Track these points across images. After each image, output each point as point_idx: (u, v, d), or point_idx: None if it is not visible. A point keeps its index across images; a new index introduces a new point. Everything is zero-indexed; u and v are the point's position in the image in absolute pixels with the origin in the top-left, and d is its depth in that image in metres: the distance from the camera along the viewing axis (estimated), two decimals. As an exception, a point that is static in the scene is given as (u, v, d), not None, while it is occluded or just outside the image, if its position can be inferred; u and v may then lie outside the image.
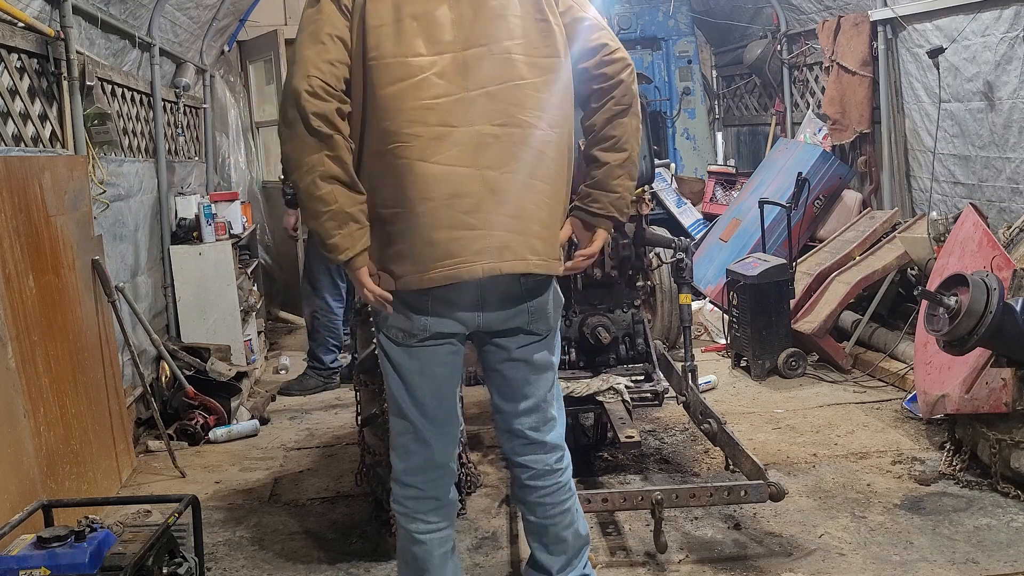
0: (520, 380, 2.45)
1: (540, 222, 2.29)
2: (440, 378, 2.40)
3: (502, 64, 2.25)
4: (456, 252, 2.21)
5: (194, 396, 4.80)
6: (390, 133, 2.20)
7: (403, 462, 2.45)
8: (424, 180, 2.20)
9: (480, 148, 2.23)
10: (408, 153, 2.20)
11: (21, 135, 3.75)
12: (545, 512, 2.51)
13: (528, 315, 2.38)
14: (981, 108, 4.97)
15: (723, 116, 9.28)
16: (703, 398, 3.86)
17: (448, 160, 2.21)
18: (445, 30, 2.23)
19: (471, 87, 2.23)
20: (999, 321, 3.19)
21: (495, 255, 2.24)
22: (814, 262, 5.88)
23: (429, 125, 2.20)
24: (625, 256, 3.97)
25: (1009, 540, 3.15)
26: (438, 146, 2.20)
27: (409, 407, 2.40)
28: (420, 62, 2.20)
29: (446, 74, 2.22)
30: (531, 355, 2.43)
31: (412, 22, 2.21)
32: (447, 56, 2.22)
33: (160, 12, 5.31)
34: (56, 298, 3.61)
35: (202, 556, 2.84)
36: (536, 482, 2.49)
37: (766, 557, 3.16)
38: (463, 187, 2.21)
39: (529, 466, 2.49)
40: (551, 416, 2.51)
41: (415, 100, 2.20)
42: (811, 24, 6.86)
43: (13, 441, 3.05)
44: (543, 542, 2.54)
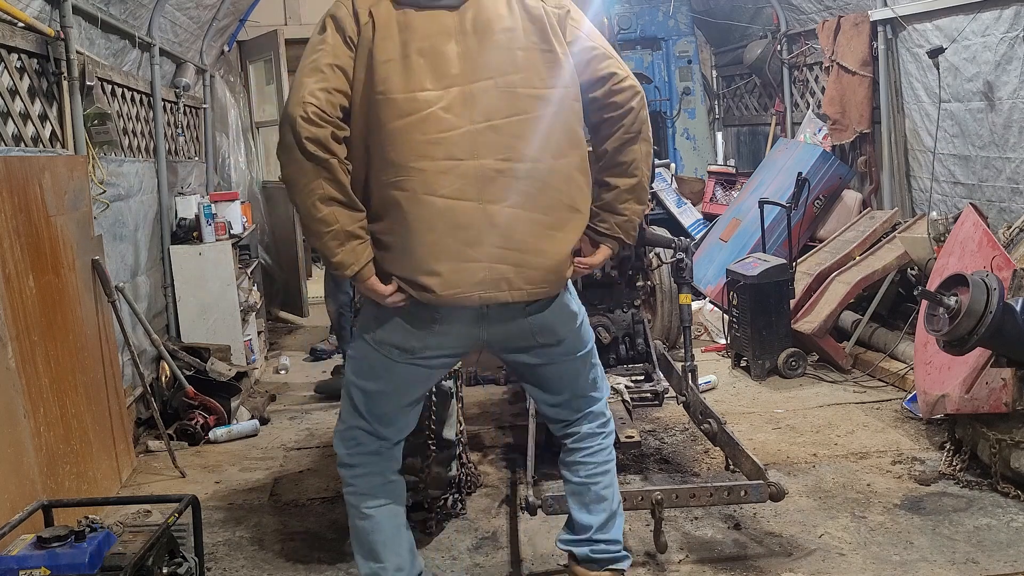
0: (554, 376, 2.57)
1: (540, 253, 2.35)
2: (413, 391, 2.53)
3: (507, 98, 2.31)
4: (456, 284, 2.29)
5: (194, 396, 4.80)
6: (396, 165, 2.26)
7: (349, 449, 2.55)
8: (429, 212, 2.26)
9: (484, 182, 2.29)
10: (414, 186, 2.26)
11: (21, 135, 3.75)
12: (587, 471, 2.64)
13: (532, 332, 2.46)
14: (981, 108, 4.97)
15: (723, 116, 9.28)
16: (703, 398, 3.86)
17: (453, 193, 2.27)
18: (452, 64, 2.28)
19: (477, 120, 2.29)
20: (999, 321, 3.19)
21: (492, 287, 2.32)
22: (814, 262, 5.88)
23: (435, 159, 2.26)
24: (625, 256, 3.98)
25: (1009, 540, 3.15)
26: (443, 180, 2.26)
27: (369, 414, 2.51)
28: (427, 96, 2.26)
29: (453, 108, 2.27)
30: (555, 357, 2.53)
31: (419, 58, 2.26)
32: (454, 90, 2.28)
33: (160, 12, 5.31)
34: (56, 298, 3.61)
35: (202, 556, 2.84)
36: (581, 443, 2.65)
37: (766, 557, 3.16)
38: (466, 220, 2.28)
39: (575, 431, 2.65)
40: (590, 397, 2.65)
41: (422, 135, 2.25)
42: (811, 24, 6.86)
43: (13, 441, 3.05)
44: (583, 502, 2.66)
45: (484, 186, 2.29)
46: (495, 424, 4.69)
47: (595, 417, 2.66)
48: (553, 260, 2.39)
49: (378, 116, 2.26)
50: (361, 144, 2.29)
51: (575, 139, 2.40)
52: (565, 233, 2.40)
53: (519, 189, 2.32)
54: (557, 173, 2.36)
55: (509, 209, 2.31)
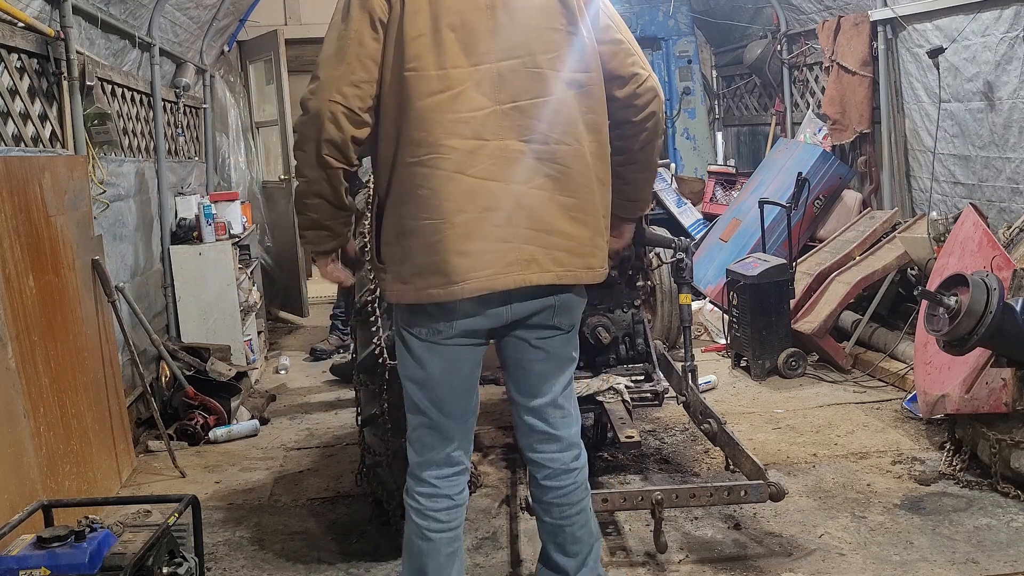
0: (539, 373, 2.47)
1: (565, 235, 2.33)
2: (462, 374, 2.43)
3: (533, 78, 2.28)
4: (489, 264, 2.25)
5: (194, 396, 4.80)
6: (427, 144, 2.22)
7: (419, 456, 2.46)
8: (462, 192, 2.23)
9: (509, 163, 2.26)
10: (446, 165, 2.22)
11: (21, 135, 3.75)
12: (561, 512, 2.52)
13: (554, 310, 2.41)
14: (981, 108, 4.97)
15: (723, 116, 9.28)
16: (703, 398, 3.86)
17: (482, 173, 2.24)
18: (482, 41, 2.24)
19: (503, 100, 2.26)
20: (999, 321, 3.19)
21: (523, 267, 2.28)
22: (814, 262, 5.88)
23: (464, 138, 2.23)
24: (625, 256, 3.97)
25: (1009, 540, 3.15)
26: (473, 159, 2.24)
27: (427, 404, 2.42)
28: (458, 74, 2.23)
29: (482, 86, 2.24)
30: (553, 347, 2.45)
31: (450, 33, 2.22)
32: (483, 68, 2.24)
33: (160, 12, 5.31)
34: (56, 298, 3.61)
35: (202, 556, 2.84)
36: (552, 482, 2.51)
37: (766, 557, 3.16)
38: (496, 201, 2.25)
39: (545, 464, 2.51)
40: (567, 411, 2.53)
41: (452, 112, 2.22)
42: (811, 24, 6.86)
43: (13, 441, 3.05)
44: (559, 542, 2.55)
45: (510, 167, 2.26)
46: (495, 424, 4.69)
47: (568, 447, 2.52)
48: (580, 244, 2.36)
49: (409, 93, 2.22)
50: (392, 124, 2.26)
51: (596, 126, 2.38)
52: (588, 217, 2.37)
53: (543, 171, 2.29)
54: (579, 158, 2.33)
55: (535, 191, 2.29)
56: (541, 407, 2.48)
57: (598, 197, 2.40)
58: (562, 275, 2.34)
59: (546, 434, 2.49)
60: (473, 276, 2.24)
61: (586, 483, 2.56)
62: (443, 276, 2.25)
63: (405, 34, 2.21)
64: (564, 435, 2.51)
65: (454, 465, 2.46)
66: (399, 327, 2.43)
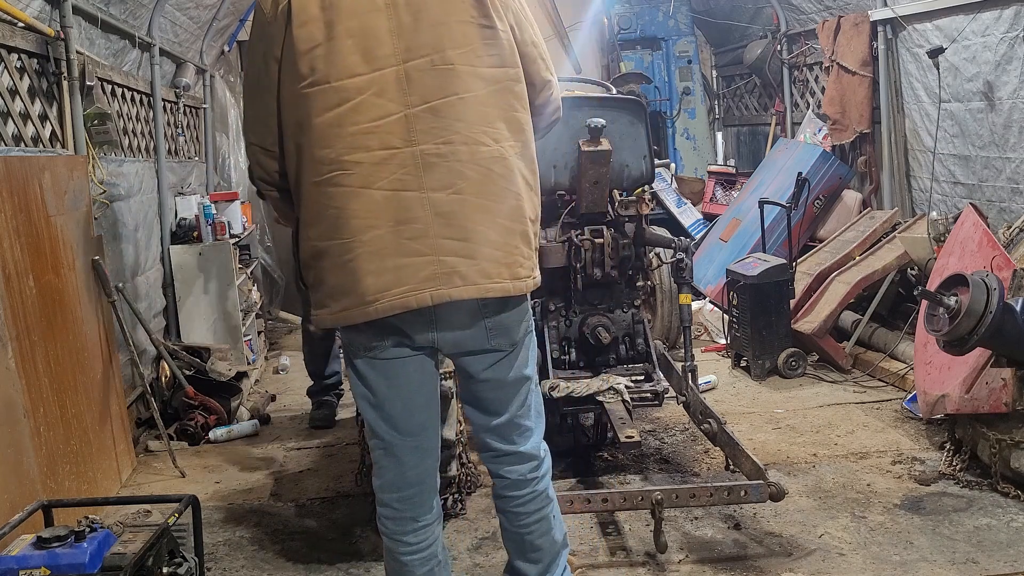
0: (492, 399, 2.37)
1: (491, 243, 2.18)
2: (409, 389, 2.32)
3: (445, 76, 2.14)
4: (404, 280, 2.13)
5: (194, 396, 4.80)
6: (329, 161, 2.12)
7: (378, 479, 2.40)
8: (368, 208, 2.11)
9: (424, 169, 2.13)
10: (350, 181, 2.11)
11: (21, 135, 3.75)
12: (520, 520, 2.47)
13: (486, 332, 2.28)
14: (981, 108, 4.97)
15: (723, 116, 9.28)
16: (703, 398, 3.86)
17: (392, 185, 2.12)
18: (383, 43, 2.11)
19: (414, 103, 2.12)
20: (999, 321, 3.19)
21: (444, 281, 2.14)
22: (814, 262, 5.88)
23: (371, 150, 2.11)
24: (625, 256, 3.97)
25: (1009, 540, 3.15)
26: (381, 171, 2.11)
27: (378, 422, 2.33)
28: (357, 83, 2.10)
29: (386, 92, 2.11)
30: (498, 374, 2.34)
31: (347, 39, 2.10)
32: (387, 71, 2.11)
33: (160, 12, 5.31)
34: (56, 298, 3.61)
35: (202, 556, 2.84)
36: (511, 492, 2.45)
37: (766, 557, 3.16)
38: (409, 212, 2.12)
39: (504, 476, 2.45)
40: (526, 427, 2.44)
41: (354, 125, 2.10)
42: (811, 24, 6.86)
43: (13, 441, 3.05)
44: (520, 549, 2.52)
45: (425, 173, 2.12)
46: (495, 424, 4.68)
47: (527, 459, 2.43)
48: (506, 252, 2.21)
49: (307, 110, 2.11)
50: (292, 143, 2.17)
51: (519, 124, 2.25)
52: (514, 223, 2.23)
53: (463, 175, 2.15)
54: (500, 160, 2.19)
55: (454, 196, 2.14)
56: (497, 427, 2.40)
57: (525, 201, 2.25)
58: (489, 287, 2.18)
59: (503, 451, 2.43)
60: (387, 295, 2.12)
61: (547, 492, 2.50)
62: (356, 297, 2.14)
63: (297, 48, 2.10)
64: (523, 449, 2.44)
65: (414, 486, 2.37)
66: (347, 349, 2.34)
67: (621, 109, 4.03)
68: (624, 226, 4.00)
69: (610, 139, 3.82)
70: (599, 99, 4.28)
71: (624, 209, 4.02)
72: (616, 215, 4.02)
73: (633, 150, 4.04)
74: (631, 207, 4.01)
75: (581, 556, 3.24)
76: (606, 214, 4.01)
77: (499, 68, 2.21)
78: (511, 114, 2.23)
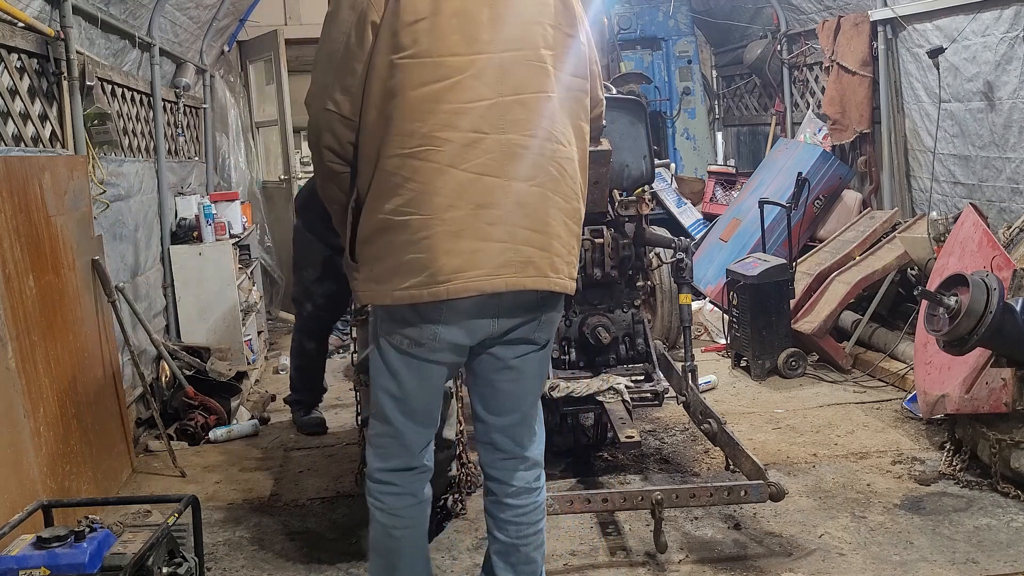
0: (509, 392, 2.39)
1: (560, 239, 2.24)
2: (435, 389, 2.37)
3: (537, 72, 2.20)
4: (479, 264, 2.14)
5: (194, 396, 4.80)
6: (420, 135, 2.12)
7: (382, 462, 2.42)
8: (453, 187, 2.12)
9: (510, 158, 2.16)
10: (439, 158, 2.12)
11: (21, 135, 3.75)
12: (519, 532, 2.45)
13: (538, 324, 2.32)
14: (981, 108, 4.97)
15: (723, 116, 9.28)
16: (703, 398, 3.86)
17: (477, 168, 2.14)
18: (483, 29, 2.15)
19: (506, 92, 2.16)
20: (999, 321, 3.19)
21: (519, 269, 2.17)
22: (814, 262, 5.88)
23: (461, 130, 2.13)
24: (625, 256, 3.98)
25: (1009, 540, 3.15)
26: (469, 153, 2.13)
27: (397, 415, 2.35)
28: (457, 62, 2.12)
29: (483, 76, 2.14)
30: (527, 365, 2.37)
31: (452, 19, 2.12)
32: (484, 57, 2.14)
33: (160, 12, 5.31)
34: (56, 298, 3.61)
35: (202, 556, 2.84)
36: (515, 500, 2.45)
37: (766, 557, 3.16)
38: (491, 197, 2.15)
39: (508, 482, 2.45)
40: (534, 431, 2.47)
41: (449, 103, 2.12)
42: (811, 24, 6.86)
43: (13, 441, 3.05)
44: (511, 562, 2.48)
45: (509, 162, 2.16)
46: (495, 424, 4.68)
47: (532, 465, 2.47)
48: (569, 250, 2.28)
49: (401, 81, 2.11)
50: (377, 112, 2.15)
51: (584, 134, 2.34)
52: (575, 225, 2.30)
53: (544, 168, 2.20)
54: (571, 161, 2.27)
55: (536, 188, 2.19)
56: (510, 426, 2.41)
57: (581, 204, 2.33)
58: (556, 281, 2.24)
59: (511, 453, 2.44)
60: (460, 276, 2.12)
61: (543, 504, 2.51)
62: (426, 275, 2.13)
63: (401, 19, 2.10)
64: (530, 455, 2.45)
65: (417, 467, 2.42)
66: (376, 334, 2.33)
67: (621, 109, 4.03)
68: (624, 226, 4.01)
69: (610, 139, 3.82)
70: (599, 99, 4.27)
71: (624, 209, 4.02)
72: (616, 215, 4.02)
73: (633, 150, 4.04)
74: (631, 207, 4.01)
75: (581, 556, 3.24)
76: (606, 214, 4.01)
77: (576, 77, 2.29)
78: (577, 122, 2.31)
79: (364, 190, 2.22)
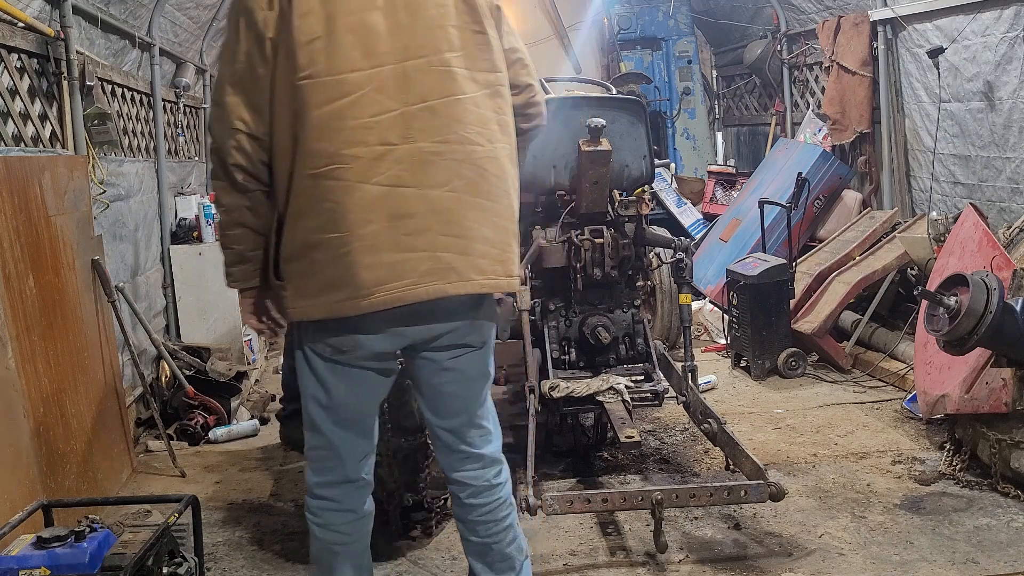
0: (453, 393, 2.38)
1: (485, 240, 2.24)
2: (367, 398, 2.36)
3: (443, 77, 2.19)
4: (402, 275, 2.15)
5: (194, 396, 4.80)
6: (327, 154, 2.12)
7: (318, 476, 2.40)
8: (366, 202, 2.12)
9: (422, 166, 2.16)
10: (347, 175, 2.11)
11: (21, 135, 3.75)
12: (488, 531, 2.45)
13: (469, 327, 2.32)
14: (981, 108, 4.97)
15: (723, 116, 9.29)
16: (703, 398, 3.85)
17: (389, 180, 2.13)
18: (382, 40, 2.14)
19: (411, 101, 2.16)
20: (999, 321, 3.19)
21: (440, 276, 2.18)
22: (814, 262, 5.88)
23: (369, 145, 2.12)
24: (625, 256, 3.98)
25: (1009, 540, 3.15)
26: (378, 166, 2.13)
27: (329, 425, 2.33)
28: (358, 77, 2.12)
29: (385, 88, 2.14)
30: (464, 366, 2.36)
31: (348, 34, 2.12)
32: (386, 68, 2.14)
33: (160, 12, 5.31)
34: (56, 298, 3.61)
35: (202, 556, 2.84)
36: (475, 500, 2.44)
37: (766, 557, 3.16)
38: (406, 207, 2.15)
39: (467, 483, 2.44)
40: (486, 429, 2.45)
41: (353, 119, 2.12)
42: (811, 24, 6.86)
43: (13, 441, 3.05)
44: (487, 561, 2.48)
45: (422, 171, 2.16)
46: (495, 424, 4.68)
47: (490, 463, 2.45)
48: (501, 249, 2.28)
49: (304, 102, 2.11)
50: (288, 134, 2.15)
51: (508, 127, 2.32)
52: (507, 222, 2.30)
53: (460, 173, 2.20)
54: (493, 160, 2.26)
55: (451, 194, 2.19)
56: (458, 427, 2.41)
57: (514, 200, 2.33)
58: (483, 283, 2.24)
59: (466, 453, 2.42)
60: (383, 289, 2.14)
61: (510, 498, 2.50)
62: (351, 290, 2.14)
63: (296, 40, 2.10)
64: (485, 453, 2.44)
65: (355, 481, 2.39)
66: (300, 345, 2.31)
67: (621, 109, 4.03)
68: (624, 226, 4.00)
69: (610, 139, 3.82)
70: (599, 99, 4.28)
71: (624, 209, 4.02)
72: (616, 215, 4.02)
73: (633, 150, 4.04)
74: (631, 207, 4.01)
75: (581, 556, 3.24)
76: (606, 214, 4.01)
77: (491, 73, 2.28)
78: (502, 117, 2.30)
79: (283, 210, 2.22)
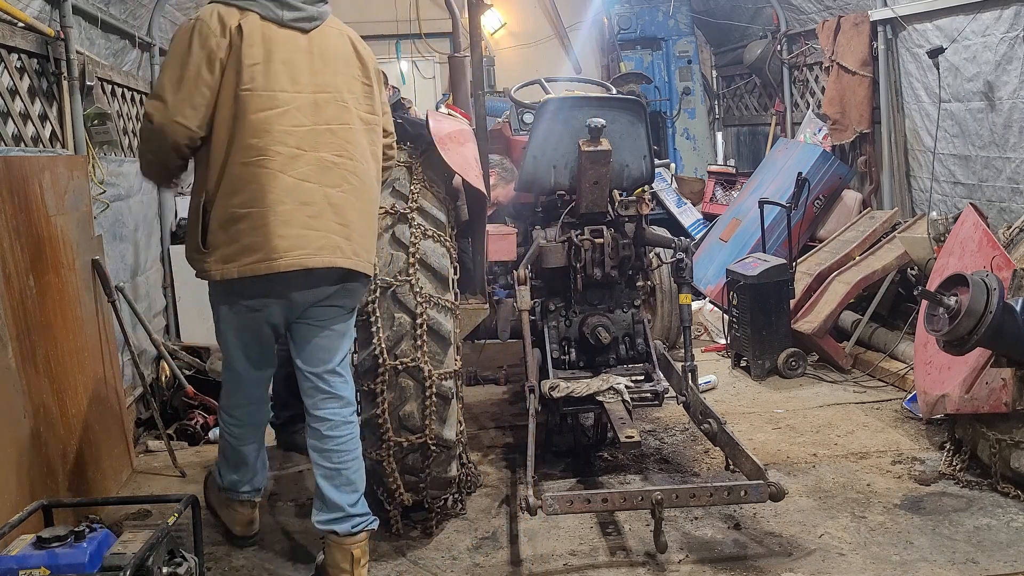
0: (324, 345, 3.04)
1: (360, 232, 2.95)
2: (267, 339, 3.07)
3: (341, 109, 2.92)
4: (303, 246, 2.81)
5: (194, 396, 4.80)
6: (258, 148, 2.78)
7: (226, 399, 3.23)
8: (283, 188, 2.80)
9: (323, 170, 2.86)
10: (272, 165, 2.79)
11: (21, 135, 3.75)
12: (340, 458, 3.04)
13: (344, 293, 3.00)
14: (981, 108, 4.97)
15: (723, 116, 9.28)
16: (703, 398, 3.85)
17: (300, 176, 2.83)
18: (303, 75, 2.86)
19: (319, 122, 2.87)
20: (999, 321, 3.19)
21: (331, 252, 2.87)
22: (814, 262, 5.88)
23: (288, 146, 2.81)
24: (625, 256, 3.98)
25: (1009, 540, 3.15)
26: (294, 164, 2.82)
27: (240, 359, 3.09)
28: (285, 96, 2.82)
29: (303, 109, 2.85)
30: (335, 324, 3.04)
31: (280, 65, 2.82)
32: (304, 95, 2.85)
33: (160, 12, 5.31)
34: (56, 298, 3.61)
35: (202, 556, 2.84)
36: (333, 432, 3.05)
37: (766, 557, 3.16)
38: (310, 197, 2.84)
39: (328, 418, 3.05)
40: (346, 378, 3.11)
41: (280, 126, 2.80)
42: (811, 24, 6.86)
43: (13, 441, 3.05)
44: (336, 484, 3.04)
45: (322, 173, 2.86)
46: (495, 424, 4.69)
47: (347, 404, 3.08)
48: (371, 241, 3.02)
49: (244, 108, 2.77)
50: (226, 132, 2.78)
51: (377, 156, 3.06)
52: (374, 222, 3.06)
53: (347, 179, 2.90)
54: (368, 176, 2.99)
55: (343, 194, 2.89)
56: (323, 373, 3.05)
57: (376, 209, 3.09)
58: (358, 263, 2.94)
59: (329, 393, 3.06)
60: (290, 254, 2.79)
61: (358, 435, 3.12)
62: (264, 252, 2.78)
63: (242, 62, 2.77)
64: (343, 395, 3.09)
65: (254, 403, 3.22)
66: (218, 303, 3.01)
67: (621, 109, 4.03)
68: (624, 226, 4.01)
69: (610, 139, 3.82)
70: (599, 99, 4.28)
71: (624, 209, 4.02)
72: (616, 215, 4.02)
73: (633, 150, 4.04)
74: (631, 207, 4.01)
75: (581, 556, 3.25)
76: (606, 214, 4.01)
77: (371, 115, 3.03)
78: (374, 148, 3.05)
79: (213, 190, 2.81)
